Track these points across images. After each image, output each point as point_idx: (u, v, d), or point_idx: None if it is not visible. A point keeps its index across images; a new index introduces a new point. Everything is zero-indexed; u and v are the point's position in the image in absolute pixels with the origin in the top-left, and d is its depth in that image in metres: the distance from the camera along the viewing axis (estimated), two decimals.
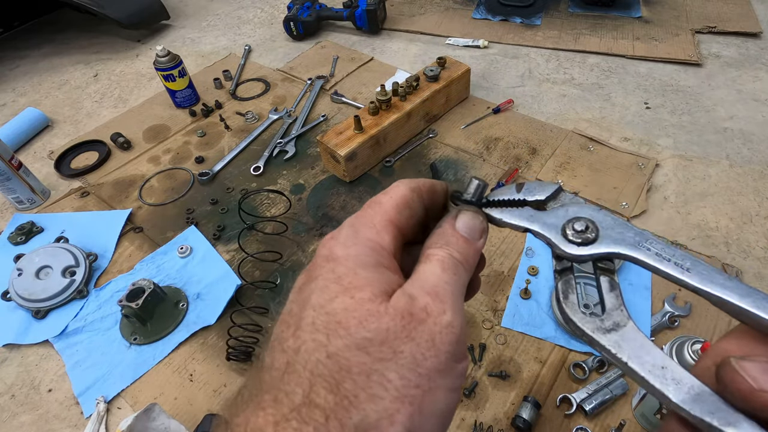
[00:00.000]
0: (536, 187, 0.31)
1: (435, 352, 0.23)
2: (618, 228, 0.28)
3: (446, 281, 0.25)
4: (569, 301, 0.28)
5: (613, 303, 0.27)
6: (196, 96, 1.38)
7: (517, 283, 0.88)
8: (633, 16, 1.55)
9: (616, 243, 0.27)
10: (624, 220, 0.28)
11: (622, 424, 0.69)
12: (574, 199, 0.31)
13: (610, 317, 0.26)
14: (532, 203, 0.31)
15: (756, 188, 1.03)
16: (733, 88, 1.28)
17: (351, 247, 0.25)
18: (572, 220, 0.29)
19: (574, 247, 0.28)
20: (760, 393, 0.21)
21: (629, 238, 0.27)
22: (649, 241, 0.27)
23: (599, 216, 0.29)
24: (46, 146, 1.32)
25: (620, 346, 0.25)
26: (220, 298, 0.90)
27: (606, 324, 0.26)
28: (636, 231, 0.27)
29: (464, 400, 0.74)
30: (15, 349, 0.88)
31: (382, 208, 0.28)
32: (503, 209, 0.31)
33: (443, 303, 0.24)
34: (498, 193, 0.31)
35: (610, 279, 0.28)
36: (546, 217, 0.29)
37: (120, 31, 1.74)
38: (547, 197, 0.31)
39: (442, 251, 0.26)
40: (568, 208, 0.29)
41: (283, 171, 1.16)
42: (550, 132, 1.18)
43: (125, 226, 1.06)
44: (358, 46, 1.56)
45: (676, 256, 0.26)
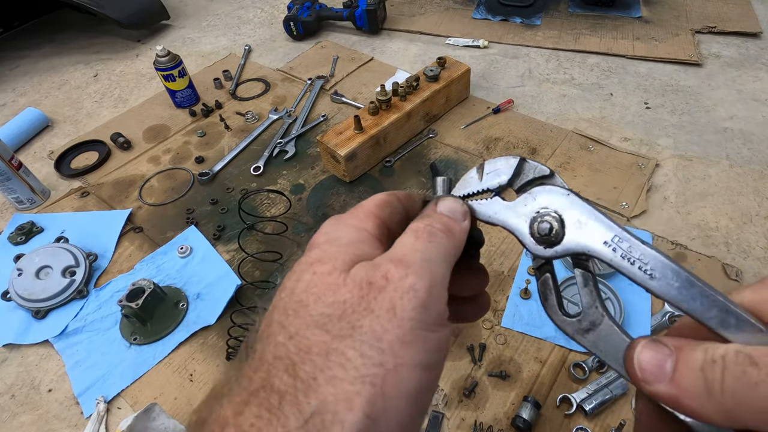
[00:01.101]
0: (497, 166, 0.30)
1: (397, 323, 0.21)
2: (585, 220, 0.26)
3: (417, 248, 0.24)
4: (549, 303, 0.28)
5: (588, 300, 0.26)
6: (196, 96, 1.37)
7: (517, 283, 0.88)
8: (633, 16, 1.55)
9: (581, 243, 0.26)
10: (592, 207, 0.27)
11: (622, 424, 0.69)
12: (539, 169, 0.29)
13: (587, 316, 0.26)
14: (496, 190, 0.29)
15: (756, 188, 1.03)
16: (733, 88, 1.28)
17: (330, 232, 0.25)
18: (539, 213, 0.27)
19: (542, 248, 0.27)
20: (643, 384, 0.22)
21: (597, 234, 0.26)
22: (616, 237, 0.25)
23: (566, 205, 0.27)
24: (46, 146, 1.32)
25: (597, 347, 0.25)
26: (220, 298, 0.90)
27: (583, 324, 0.26)
28: (606, 223, 0.26)
29: (464, 400, 0.74)
30: (15, 349, 0.88)
31: (363, 206, 0.28)
32: (472, 201, 0.30)
33: (407, 267, 0.22)
34: (462, 186, 0.31)
35: (583, 272, 0.27)
36: (514, 211, 0.28)
37: (120, 31, 1.74)
38: (511, 178, 0.29)
39: (419, 223, 0.26)
40: (535, 196, 0.28)
41: (283, 171, 1.16)
42: (550, 132, 1.18)
43: (125, 226, 1.06)
44: (358, 46, 1.56)
45: (641, 257, 0.24)
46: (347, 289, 0.22)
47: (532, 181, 0.29)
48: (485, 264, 0.32)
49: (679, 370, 0.21)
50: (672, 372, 0.21)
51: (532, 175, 0.29)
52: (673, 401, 0.21)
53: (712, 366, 0.20)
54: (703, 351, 0.21)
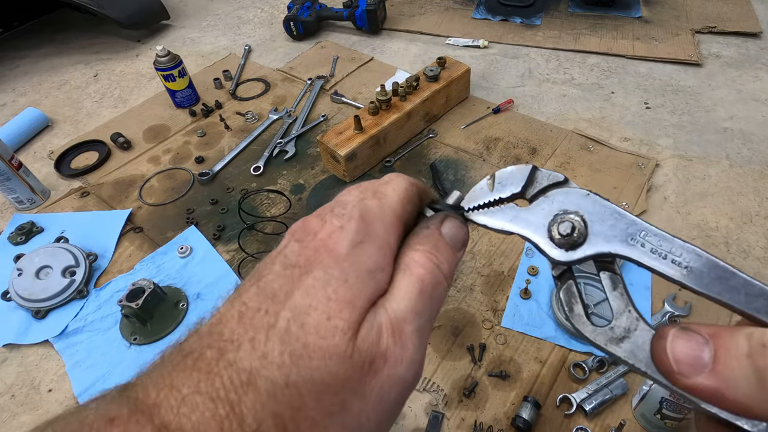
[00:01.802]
0: (509, 176, 0.28)
1: (380, 411, 0.22)
2: (608, 220, 0.25)
3: (418, 311, 0.23)
4: (575, 313, 0.25)
5: (619, 305, 0.24)
6: (196, 96, 1.38)
7: (517, 283, 0.88)
8: (633, 16, 1.55)
9: (607, 240, 0.25)
10: (614, 205, 0.25)
11: (622, 424, 0.69)
12: (553, 176, 0.27)
13: (620, 323, 0.24)
14: (509, 199, 0.28)
15: (756, 188, 1.03)
16: (733, 88, 1.28)
17: (358, 246, 0.23)
18: (557, 216, 0.26)
19: (562, 252, 0.26)
20: (679, 377, 0.20)
21: (621, 233, 0.25)
22: (643, 233, 0.24)
23: (587, 205, 0.26)
24: (46, 146, 1.32)
25: (636, 356, 0.23)
26: (220, 298, 0.89)
27: (617, 332, 0.24)
28: (628, 221, 0.25)
29: (464, 400, 0.74)
30: (15, 349, 0.88)
31: (388, 201, 0.26)
32: (485, 211, 0.28)
33: (404, 349, 0.22)
34: (472, 197, 0.29)
35: (611, 275, 0.25)
36: (530, 215, 0.27)
37: (120, 31, 1.74)
38: (524, 186, 0.28)
39: (428, 259, 0.25)
40: (552, 199, 0.27)
41: (283, 171, 1.16)
42: (550, 132, 1.18)
43: (125, 226, 1.06)
44: (358, 46, 1.56)
45: (674, 251, 0.23)
46: (351, 365, 0.21)
47: (546, 188, 0.28)
48: (485, 264, 0.32)
49: (721, 358, 0.19)
50: (712, 361, 0.19)
51: (546, 182, 0.28)
52: (717, 395, 0.19)
53: (762, 351, 0.18)
54: (747, 336, 0.19)
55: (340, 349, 0.21)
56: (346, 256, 0.23)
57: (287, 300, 0.22)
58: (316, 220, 0.25)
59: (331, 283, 0.22)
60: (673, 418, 0.64)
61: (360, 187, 0.27)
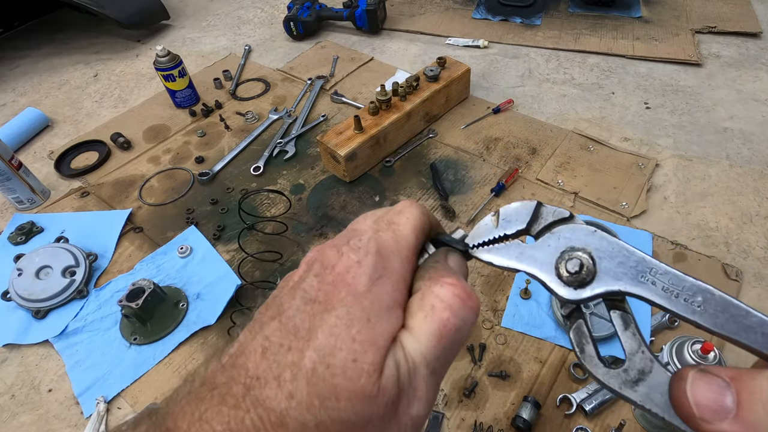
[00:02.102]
0: (514, 212, 0.28)
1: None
2: (617, 257, 0.24)
3: (436, 356, 0.23)
4: (586, 354, 0.25)
5: (632, 345, 0.24)
6: (196, 96, 1.38)
7: (517, 283, 0.88)
8: (633, 16, 1.55)
9: (617, 278, 0.24)
10: (623, 242, 0.25)
11: (622, 424, 0.69)
12: (558, 212, 0.27)
13: (633, 364, 0.23)
14: (515, 235, 0.28)
15: (756, 188, 1.03)
16: (733, 88, 1.28)
17: (377, 282, 0.24)
18: (565, 253, 0.25)
19: (571, 291, 0.25)
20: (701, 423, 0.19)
21: (630, 270, 0.24)
22: (653, 270, 0.23)
23: (594, 242, 0.25)
24: (46, 146, 1.32)
25: (651, 399, 0.22)
26: (220, 298, 0.90)
27: (631, 374, 0.23)
28: (638, 258, 0.24)
29: (464, 400, 0.74)
30: (15, 349, 0.88)
31: (402, 233, 0.26)
32: (490, 248, 0.28)
33: (419, 390, 0.23)
34: (477, 234, 0.29)
35: (622, 314, 0.25)
36: (536, 252, 0.26)
37: (120, 31, 1.74)
38: (529, 222, 0.27)
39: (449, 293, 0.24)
40: (558, 236, 0.26)
41: (283, 171, 1.16)
42: (550, 132, 1.18)
43: (125, 226, 1.06)
44: (358, 46, 1.56)
45: (686, 289, 0.22)
46: (376, 407, 0.21)
47: (552, 224, 0.27)
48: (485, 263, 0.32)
49: (745, 403, 0.18)
50: (735, 407, 0.19)
51: (551, 218, 0.27)
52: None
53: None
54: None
55: (366, 390, 0.21)
56: (365, 294, 0.23)
57: (310, 338, 0.22)
58: (333, 252, 0.25)
59: (354, 323, 0.22)
60: None
61: (374, 216, 0.28)
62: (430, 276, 0.25)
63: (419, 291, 0.25)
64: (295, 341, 0.22)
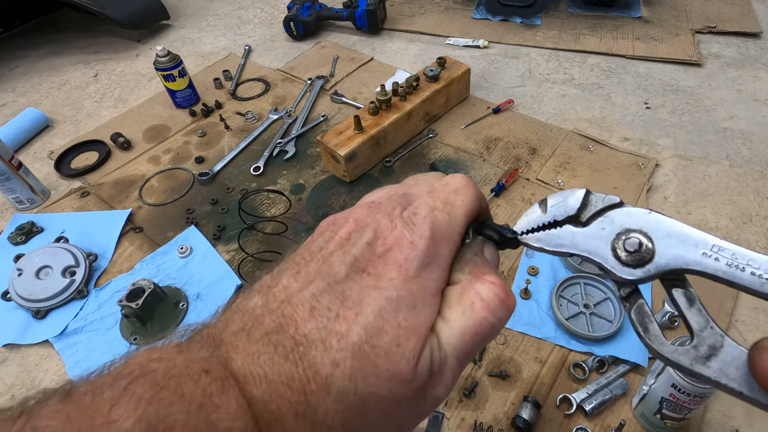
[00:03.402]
0: (562, 199, 0.27)
1: (417, 422, 0.25)
2: (675, 236, 0.24)
3: (467, 351, 0.25)
4: (651, 333, 0.24)
5: (700, 321, 0.23)
6: (196, 96, 1.38)
7: (517, 283, 0.88)
8: (633, 16, 1.55)
9: (677, 256, 0.23)
10: (680, 222, 0.24)
11: (622, 424, 0.69)
12: (608, 199, 0.27)
13: (703, 340, 0.22)
14: (565, 221, 0.27)
15: (756, 188, 1.03)
16: (733, 88, 1.28)
17: (426, 268, 0.24)
18: (621, 234, 0.25)
19: (631, 270, 0.24)
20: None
21: (690, 248, 0.23)
22: (715, 247, 0.23)
23: (650, 222, 0.25)
24: (46, 146, 1.32)
25: (727, 374, 0.21)
26: (220, 298, 0.89)
27: (701, 350, 0.22)
28: (697, 236, 0.23)
29: (464, 400, 0.74)
30: (15, 349, 0.88)
31: (456, 216, 0.26)
32: (539, 234, 0.27)
33: (446, 376, 0.24)
34: (525, 222, 0.28)
35: (684, 291, 0.24)
36: (590, 236, 0.26)
37: (120, 31, 1.74)
38: (578, 209, 0.27)
39: (490, 292, 0.25)
40: (613, 219, 0.26)
41: (283, 171, 1.16)
42: (550, 132, 1.18)
43: (125, 226, 1.06)
44: (358, 46, 1.56)
45: (751, 262, 0.22)
46: (410, 390, 0.23)
47: (602, 210, 0.27)
48: None
49: None
50: None
51: (601, 204, 0.27)
52: None
53: None
54: None
55: (404, 374, 0.23)
56: (414, 279, 0.24)
57: (359, 312, 0.23)
58: (386, 221, 0.25)
59: (402, 309, 0.23)
60: (673, 418, 0.64)
61: (428, 184, 0.28)
62: (470, 270, 0.26)
63: (459, 284, 0.26)
64: (343, 310, 0.23)
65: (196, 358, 0.22)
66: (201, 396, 0.20)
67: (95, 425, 0.18)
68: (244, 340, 0.23)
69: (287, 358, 0.22)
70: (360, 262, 0.24)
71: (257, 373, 0.22)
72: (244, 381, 0.22)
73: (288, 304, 0.23)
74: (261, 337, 0.23)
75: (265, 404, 0.21)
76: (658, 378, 0.63)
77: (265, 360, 0.22)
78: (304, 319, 0.23)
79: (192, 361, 0.21)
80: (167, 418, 0.19)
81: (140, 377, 0.20)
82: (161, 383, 0.20)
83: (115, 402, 0.19)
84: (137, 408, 0.19)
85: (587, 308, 0.81)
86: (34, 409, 0.19)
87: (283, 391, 0.22)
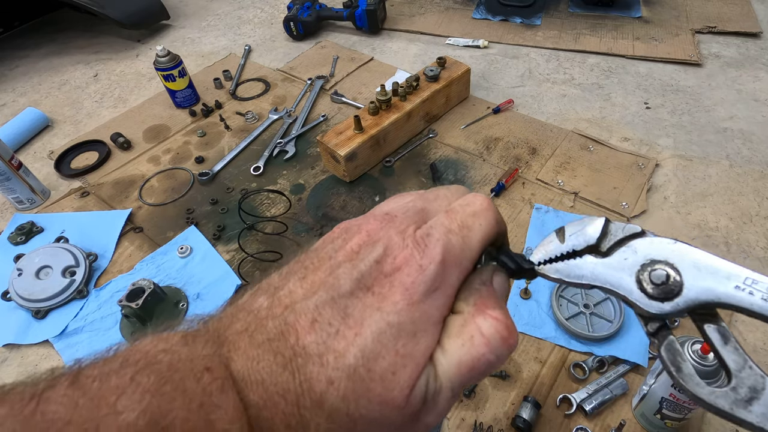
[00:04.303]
0: (579, 228, 0.26)
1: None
2: (705, 268, 0.22)
3: (462, 383, 0.24)
4: (684, 373, 0.22)
5: (737, 360, 0.22)
6: (196, 96, 1.38)
7: (517, 283, 0.88)
8: (633, 16, 1.55)
9: (709, 290, 0.22)
10: (707, 252, 0.23)
11: (622, 424, 0.69)
12: (628, 228, 0.25)
13: (742, 381, 0.21)
14: (584, 251, 0.26)
15: (756, 188, 1.03)
16: (733, 88, 1.28)
17: (431, 295, 0.24)
18: (646, 266, 0.24)
19: (659, 305, 0.23)
20: None
21: (721, 280, 0.22)
22: (748, 279, 0.21)
23: (676, 252, 0.23)
24: (46, 146, 1.32)
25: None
26: (220, 298, 0.90)
27: (741, 393, 0.21)
28: (729, 268, 0.22)
29: (464, 400, 0.74)
30: (15, 349, 0.88)
31: (471, 242, 0.25)
32: (557, 265, 0.26)
33: (439, 410, 0.24)
34: (542, 251, 0.27)
35: (717, 327, 0.22)
36: (612, 267, 0.24)
37: (120, 31, 1.74)
38: (598, 238, 0.25)
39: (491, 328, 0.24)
40: (635, 249, 0.24)
41: (283, 171, 1.16)
42: (550, 132, 1.18)
43: (125, 226, 1.06)
44: (358, 46, 1.56)
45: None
46: (401, 417, 0.23)
47: (623, 240, 0.25)
48: None
49: None
50: None
51: (622, 234, 0.25)
52: None
53: None
54: None
55: (397, 401, 0.22)
56: (418, 305, 0.23)
57: (359, 332, 0.23)
58: (398, 238, 0.25)
59: (402, 336, 0.23)
60: (673, 418, 0.64)
61: (447, 200, 0.27)
62: (475, 301, 0.25)
63: (461, 314, 0.25)
64: (344, 327, 0.23)
65: (200, 354, 0.22)
66: (201, 394, 0.20)
67: (101, 414, 0.18)
68: (246, 341, 0.23)
69: (285, 368, 0.22)
70: (366, 279, 0.24)
71: (255, 378, 0.22)
72: (243, 384, 0.22)
73: (291, 312, 0.23)
74: (263, 342, 0.23)
75: (260, 410, 0.21)
76: (658, 378, 0.63)
77: (263, 366, 0.22)
78: (305, 330, 0.23)
79: (196, 356, 0.22)
80: (169, 414, 0.19)
81: (146, 367, 0.20)
82: (166, 376, 0.20)
83: (121, 392, 0.19)
84: (142, 400, 0.19)
85: (587, 308, 0.81)
86: (44, 392, 0.19)
87: (277, 400, 0.22)
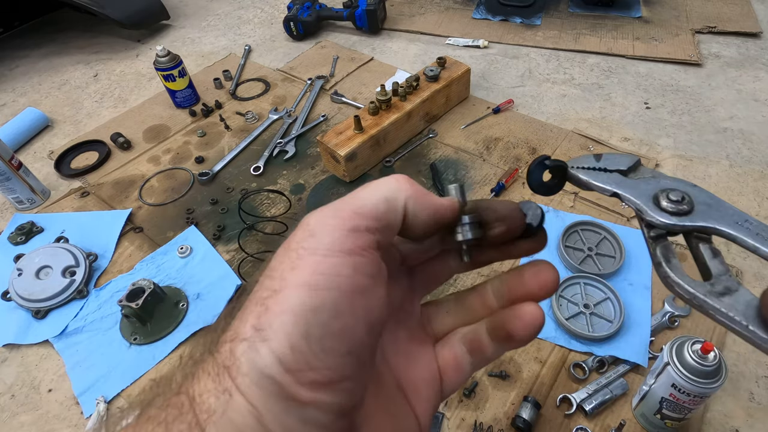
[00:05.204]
0: (614, 158, 0.30)
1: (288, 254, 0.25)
2: (714, 204, 0.26)
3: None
4: (672, 264, 0.25)
5: (720, 269, 0.25)
6: (196, 96, 1.38)
7: None
8: (633, 16, 1.55)
9: (713, 218, 0.25)
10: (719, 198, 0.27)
11: (622, 424, 0.69)
12: (656, 173, 0.29)
13: (720, 282, 0.24)
14: (615, 172, 0.29)
15: (756, 188, 1.03)
16: (733, 88, 1.28)
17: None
18: (666, 190, 0.27)
19: (667, 216, 0.26)
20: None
21: (726, 216, 0.25)
22: (747, 221, 0.25)
23: (694, 190, 0.27)
24: (46, 146, 1.32)
25: (735, 308, 0.23)
26: (220, 298, 0.90)
27: (717, 288, 0.24)
28: (734, 210, 0.26)
29: (464, 400, 0.74)
30: (15, 349, 0.88)
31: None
32: (589, 173, 0.29)
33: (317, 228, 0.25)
34: (579, 161, 0.30)
35: (710, 246, 0.26)
36: (636, 185, 0.28)
37: (120, 31, 1.74)
38: (628, 168, 0.29)
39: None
40: (659, 180, 0.28)
41: (283, 171, 1.16)
42: (550, 132, 1.18)
43: (125, 226, 1.06)
44: (358, 46, 1.56)
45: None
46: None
47: (651, 177, 0.29)
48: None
49: None
50: None
51: (650, 174, 0.29)
52: None
53: None
54: None
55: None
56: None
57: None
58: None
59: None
60: (673, 418, 0.64)
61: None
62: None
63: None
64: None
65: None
66: None
67: None
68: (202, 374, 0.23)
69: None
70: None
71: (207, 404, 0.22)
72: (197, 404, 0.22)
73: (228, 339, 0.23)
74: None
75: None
76: (658, 378, 0.63)
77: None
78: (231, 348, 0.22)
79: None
80: None
81: None
82: None
83: None
84: None
85: (587, 308, 0.81)
86: None
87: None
